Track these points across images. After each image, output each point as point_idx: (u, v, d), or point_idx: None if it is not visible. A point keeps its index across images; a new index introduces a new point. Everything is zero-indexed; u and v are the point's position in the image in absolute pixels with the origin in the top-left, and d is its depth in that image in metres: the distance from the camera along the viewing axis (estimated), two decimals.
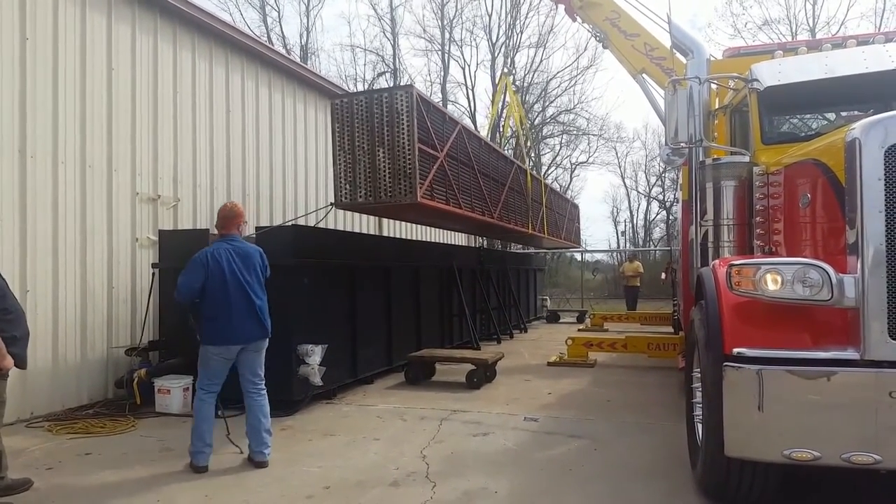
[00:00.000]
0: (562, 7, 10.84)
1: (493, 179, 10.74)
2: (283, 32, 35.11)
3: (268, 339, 5.22)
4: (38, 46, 6.82)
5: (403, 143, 7.27)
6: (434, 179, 7.89)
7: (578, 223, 20.99)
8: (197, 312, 5.05)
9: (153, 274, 7.71)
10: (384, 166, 7.35)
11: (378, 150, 7.36)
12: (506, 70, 23.86)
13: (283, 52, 15.04)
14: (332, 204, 7.72)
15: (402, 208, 7.88)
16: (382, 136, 7.36)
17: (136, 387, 6.88)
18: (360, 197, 7.47)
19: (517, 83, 30.90)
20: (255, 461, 5.00)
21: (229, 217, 5.31)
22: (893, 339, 3.23)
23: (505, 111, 18.82)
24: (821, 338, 3.45)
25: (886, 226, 3.28)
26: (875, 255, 3.29)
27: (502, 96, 17.92)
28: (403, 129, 7.28)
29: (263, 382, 5.24)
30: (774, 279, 3.47)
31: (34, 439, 5.87)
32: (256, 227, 7.65)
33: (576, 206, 20.75)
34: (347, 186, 7.51)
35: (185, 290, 4.95)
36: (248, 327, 5.02)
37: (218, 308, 4.96)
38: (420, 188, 7.32)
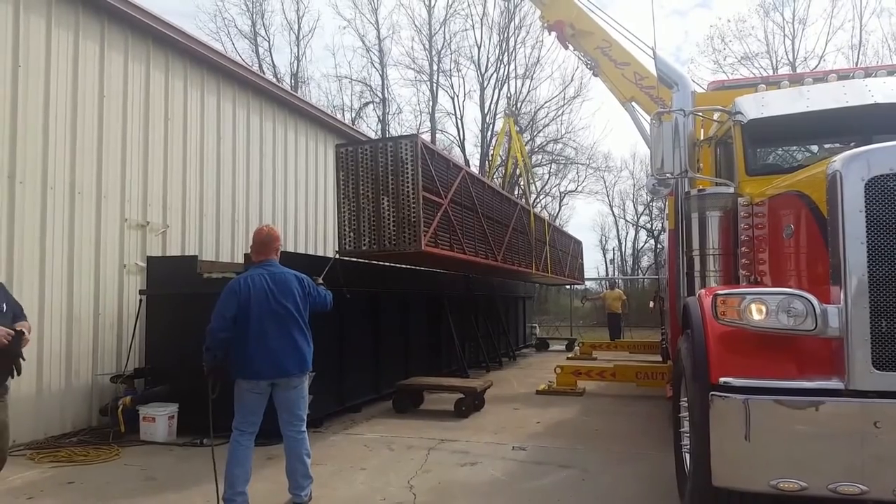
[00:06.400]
0: (550, 37, 11.05)
1: (496, 222, 10.85)
2: (273, 62, 35.38)
3: (306, 376, 4.83)
4: (30, 73, 6.87)
5: (408, 191, 7.35)
6: (438, 226, 7.96)
7: (581, 259, 21.10)
8: (220, 365, 4.58)
9: (140, 301, 7.66)
10: (388, 215, 7.41)
11: (382, 199, 7.42)
12: (507, 112, 24.28)
13: (273, 80, 15.21)
14: (336, 253, 7.74)
15: (406, 255, 7.92)
16: (387, 185, 7.43)
17: (121, 415, 6.80)
18: (365, 245, 7.51)
19: (506, 110, 31.28)
20: (293, 502, 4.73)
21: (266, 242, 4.91)
22: (877, 369, 3.26)
23: (509, 149, 19.03)
24: (806, 367, 3.47)
25: (868, 257, 3.32)
26: (857, 285, 3.33)
27: (505, 137, 18.11)
28: (408, 177, 7.36)
29: (304, 424, 4.83)
30: (759, 309, 3.51)
31: (16, 467, 5.74)
32: (245, 255, 7.63)
33: (579, 243, 20.87)
34: (352, 234, 7.56)
35: (216, 320, 4.52)
36: (281, 360, 4.60)
37: (249, 338, 4.56)
38: (424, 236, 7.37)
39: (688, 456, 4.14)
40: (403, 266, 10.69)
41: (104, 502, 4.85)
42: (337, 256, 7.63)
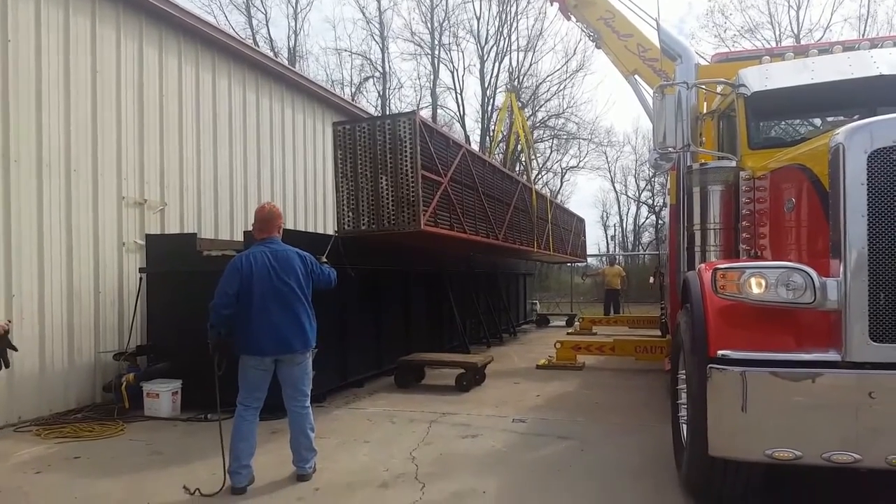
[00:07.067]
0: (553, 8, 10.92)
1: (497, 200, 10.81)
2: (270, 35, 34.99)
3: (309, 352, 4.85)
4: (20, 49, 6.77)
5: (406, 170, 7.29)
6: (438, 205, 7.92)
7: (584, 237, 21.08)
8: (224, 342, 4.63)
9: (140, 278, 7.68)
10: (387, 194, 7.36)
11: (381, 178, 7.37)
12: (510, 87, 23.99)
13: (270, 55, 15.05)
14: (336, 233, 7.72)
15: (405, 235, 7.89)
16: (385, 164, 7.37)
17: (125, 391, 6.85)
18: (364, 225, 7.48)
19: (507, 86, 31.08)
20: (297, 474, 4.79)
21: (268, 219, 4.92)
22: (874, 341, 3.27)
23: (510, 126, 18.97)
24: (804, 340, 3.49)
25: (868, 230, 3.32)
26: (857, 258, 3.33)
27: (507, 113, 17.97)
28: (406, 156, 7.30)
29: (308, 399, 4.90)
30: (759, 283, 3.52)
31: (22, 443, 5.83)
32: (245, 232, 7.64)
33: (581, 220, 20.83)
34: (350, 214, 7.53)
35: (219, 297, 4.56)
36: (283, 337, 4.64)
37: (252, 314, 4.59)
38: (423, 216, 7.33)
39: (685, 427, 4.19)
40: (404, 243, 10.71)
41: (111, 476, 4.90)
42: (337, 234, 7.62)
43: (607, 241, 45.88)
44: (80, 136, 7.42)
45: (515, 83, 32.54)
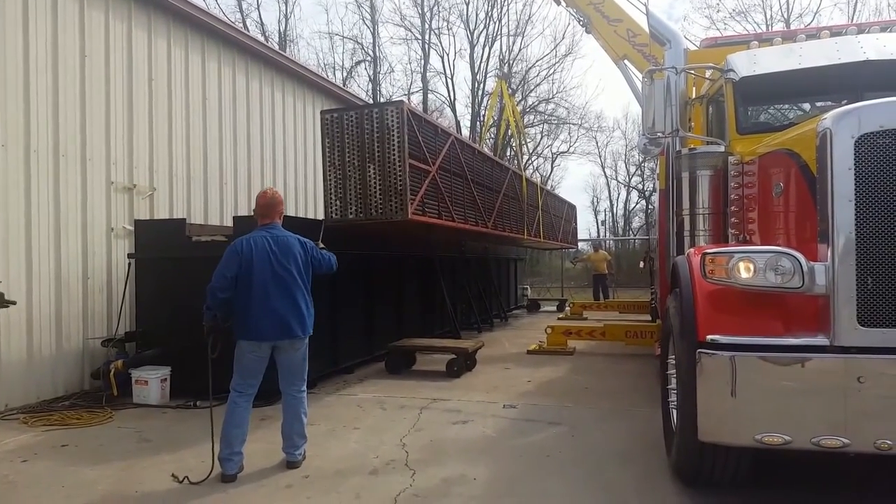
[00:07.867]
0: None
1: (487, 188, 10.79)
2: (261, 19, 34.75)
3: (306, 339, 4.86)
4: (7, 32, 6.66)
5: (394, 159, 7.27)
6: (426, 194, 7.90)
7: (575, 223, 21.11)
8: (219, 325, 4.62)
9: (129, 264, 7.62)
10: (375, 183, 7.35)
11: (369, 167, 7.35)
12: (500, 74, 23.82)
13: (260, 39, 14.89)
14: (322, 220, 7.69)
15: (393, 224, 7.86)
16: (373, 152, 7.35)
17: (113, 378, 6.80)
18: (351, 214, 7.47)
19: (497, 72, 30.98)
20: (287, 461, 4.78)
21: (270, 205, 4.89)
22: (862, 325, 3.29)
23: (501, 112, 18.95)
24: (792, 324, 3.51)
25: (856, 215, 3.33)
26: (845, 243, 3.34)
27: (498, 99, 17.98)
28: (394, 144, 7.28)
29: (304, 384, 4.92)
30: (747, 267, 3.53)
31: (9, 431, 5.79)
32: (234, 217, 7.59)
33: (572, 207, 20.84)
34: (338, 203, 7.51)
35: (216, 280, 4.55)
36: (284, 322, 4.64)
37: (252, 300, 4.58)
38: (411, 205, 7.32)
39: (675, 412, 4.21)
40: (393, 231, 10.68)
41: (99, 464, 4.88)
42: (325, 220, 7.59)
43: (598, 226, 46.05)
44: (69, 120, 7.32)
45: (505, 69, 32.45)
